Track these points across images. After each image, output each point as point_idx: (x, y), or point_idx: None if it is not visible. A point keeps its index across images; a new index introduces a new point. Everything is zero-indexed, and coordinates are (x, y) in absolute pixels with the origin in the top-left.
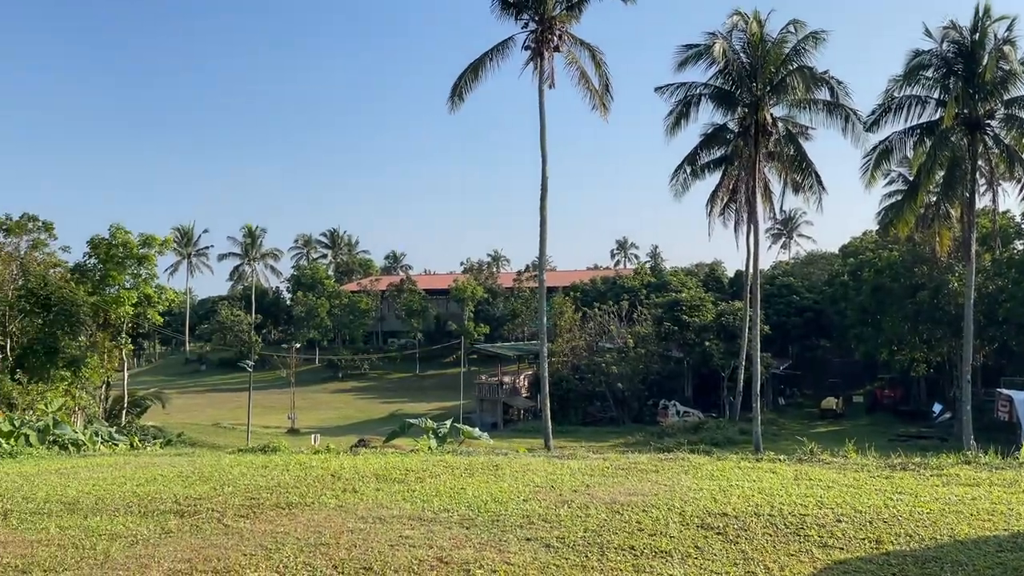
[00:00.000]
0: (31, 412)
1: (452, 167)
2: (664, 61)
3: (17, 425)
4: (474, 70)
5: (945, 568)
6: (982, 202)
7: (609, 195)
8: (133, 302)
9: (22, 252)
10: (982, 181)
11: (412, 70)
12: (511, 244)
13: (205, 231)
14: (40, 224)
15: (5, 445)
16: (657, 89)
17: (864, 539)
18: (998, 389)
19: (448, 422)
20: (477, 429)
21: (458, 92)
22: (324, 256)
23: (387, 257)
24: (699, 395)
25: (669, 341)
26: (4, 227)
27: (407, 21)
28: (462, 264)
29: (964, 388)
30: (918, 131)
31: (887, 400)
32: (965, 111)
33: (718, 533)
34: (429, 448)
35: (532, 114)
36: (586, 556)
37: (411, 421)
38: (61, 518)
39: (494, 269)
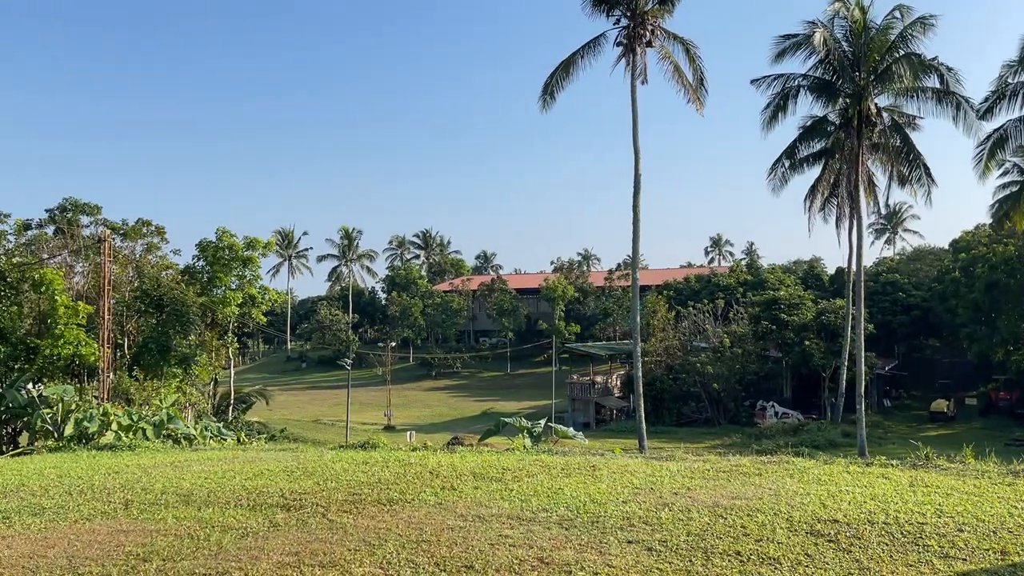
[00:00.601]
0: (147, 407)
1: (543, 165)
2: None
3: (135, 420)
4: (565, 68)
5: None
6: None
7: (704, 191)
8: (238, 302)
9: (137, 255)
10: None
11: (502, 67)
12: (602, 243)
13: (305, 233)
14: (153, 228)
15: (125, 438)
16: (753, 81)
17: (988, 550)
18: None
19: (542, 421)
20: (571, 429)
21: (549, 90)
22: (417, 257)
23: (478, 257)
24: (798, 396)
25: (766, 340)
26: (121, 231)
27: (497, 15)
28: (552, 263)
29: None
30: None
31: (1003, 402)
32: None
33: (829, 540)
34: (524, 447)
35: (625, 110)
36: (690, 561)
37: (506, 420)
38: (177, 509)
39: (585, 268)
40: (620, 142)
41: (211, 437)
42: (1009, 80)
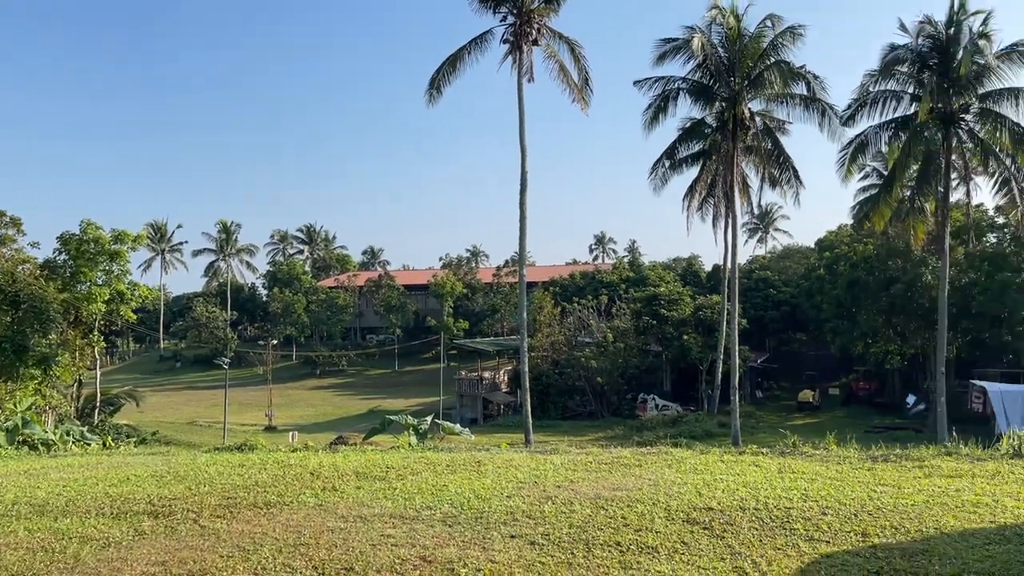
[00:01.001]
0: (0, 412)
1: (432, 161)
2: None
3: None
4: (452, 63)
5: (933, 561)
6: (956, 196)
7: (589, 190)
8: (105, 299)
9: None
10: (956, 175)
11: (390, 60)
12: (491, 240)
13: (179, 226)
14: (7, 220)
15: None
16: (636, 83)
17: (850, 532)
18: (971, 381)
19: (428, 418)
20: (458, 425)
21: (436, 85)
22: (301, 252)
23: (365, 252)
24: (677, 389)
25: (647, 335)
26: None
27: (385, 6)
28: (441, 259)
29: (939, 380)
30: (893, 125)
31: (862, 392)
32: (939, 105)
33: (704, 528)
34: (409, 445)
35: (513, 107)
36: (571, 553)
37: (391, 418)
38: (30, 520)
39: (473, 264)
40: (509, 139)
41: (73, 442)
42: (870, 89)
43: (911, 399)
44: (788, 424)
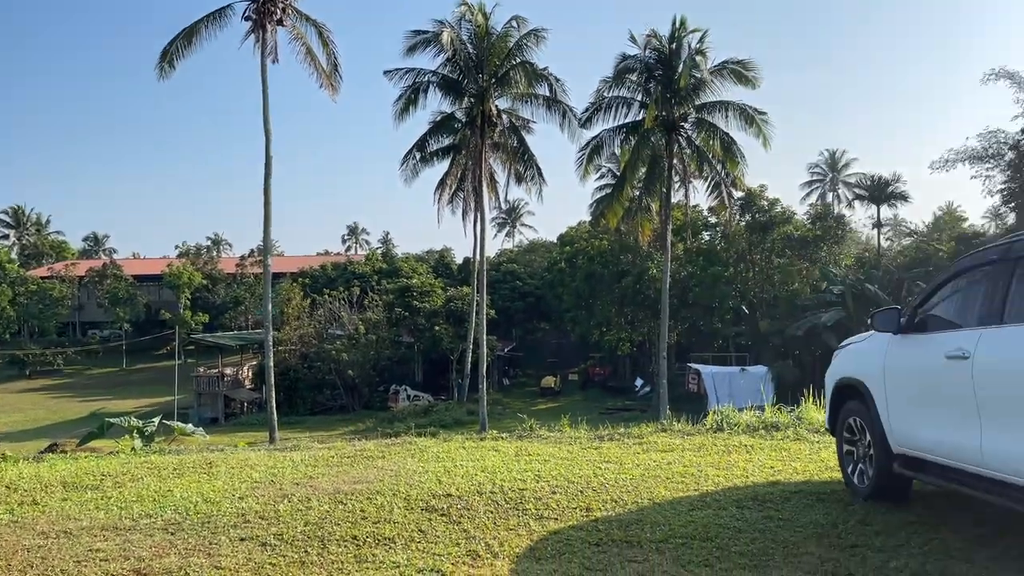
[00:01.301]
0: None
1: (169, 142)
2: (397, 43)
3: None
4: (188, 36)
5: (645, 529)
6: (677, 197)
7: (342, 179)
8: None
9: None
10: (677, 178)
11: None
12: (235, 228)
13: None
14: None
15: None
16: (386, 72)
17: (576, 508)
18: (688, 364)
19: (156, 419)
20: (191, 425)
21: (168, 58)
22: (6, 237)
23: (87, 239)
24: (429, 379)
25: (400, 327)
26: None
27: None
28: (178, 248)
29: (660, 364)
30: (624, 130)
31: (597, 377)
32: (663, 113)
33: (442, 515)
34: (133, 449)
35: (257, 89)
36: (305, 551)
37: (112, 420)
38: None
39: (215, 254)
40: (253, 121)
41: None
42: (605, 94)
43: (639, 382)
44: (532, 409)
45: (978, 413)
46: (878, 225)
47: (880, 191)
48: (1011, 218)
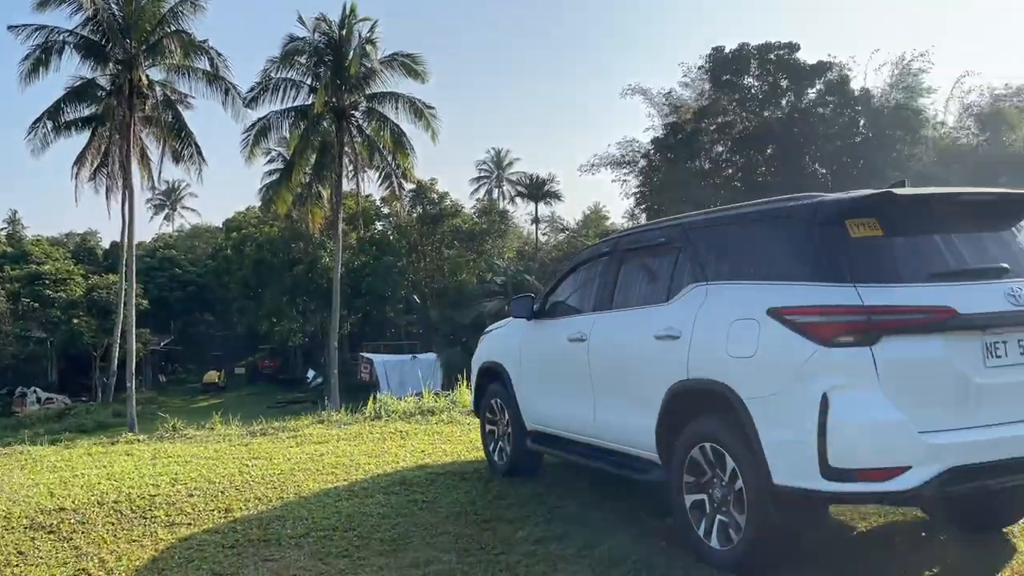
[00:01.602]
0: None
1: None
2: None
3: None
4: None
5: (287, 525)
6: (349, 186)
7: None
8: None
9: None
10: (350, 166)
11: None
12: None
13: None
14: None
15: None
16: (11, 28)
17: (214, 510)
18: (361, 353)
19: None
20: None
21: None
22: None
23: None
24: (68, 378)
25: (28, 320)
26: None
27: None
28: None
29: (332, 354)
30: (294, 113)
31: (267, 370)
32: (334, 100)
33: (49, 532)
34: None
35: None
36: None
37: None
38: None
39: None
40: None
41: None
42: (273, 75)
43: (311, 373)
44: (193, 407)
45: (593, 389)
46: (536, 221)
47: (538, 189)
48: (643, 218)
